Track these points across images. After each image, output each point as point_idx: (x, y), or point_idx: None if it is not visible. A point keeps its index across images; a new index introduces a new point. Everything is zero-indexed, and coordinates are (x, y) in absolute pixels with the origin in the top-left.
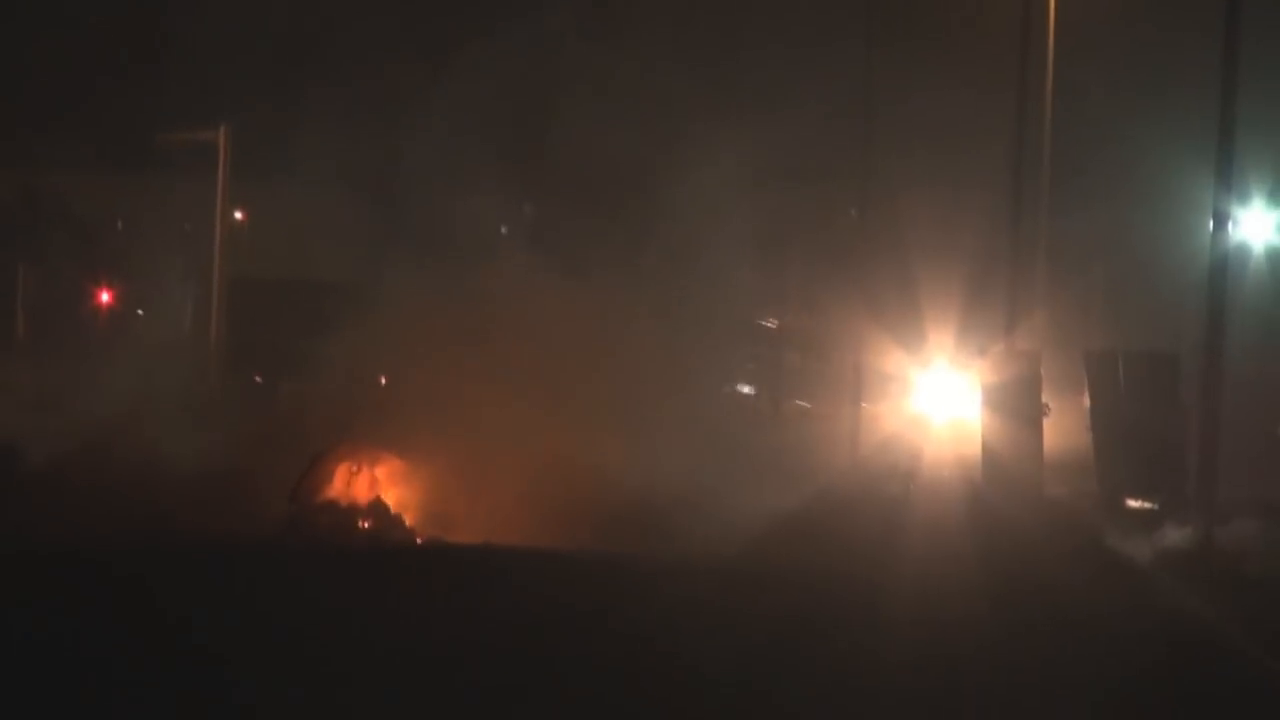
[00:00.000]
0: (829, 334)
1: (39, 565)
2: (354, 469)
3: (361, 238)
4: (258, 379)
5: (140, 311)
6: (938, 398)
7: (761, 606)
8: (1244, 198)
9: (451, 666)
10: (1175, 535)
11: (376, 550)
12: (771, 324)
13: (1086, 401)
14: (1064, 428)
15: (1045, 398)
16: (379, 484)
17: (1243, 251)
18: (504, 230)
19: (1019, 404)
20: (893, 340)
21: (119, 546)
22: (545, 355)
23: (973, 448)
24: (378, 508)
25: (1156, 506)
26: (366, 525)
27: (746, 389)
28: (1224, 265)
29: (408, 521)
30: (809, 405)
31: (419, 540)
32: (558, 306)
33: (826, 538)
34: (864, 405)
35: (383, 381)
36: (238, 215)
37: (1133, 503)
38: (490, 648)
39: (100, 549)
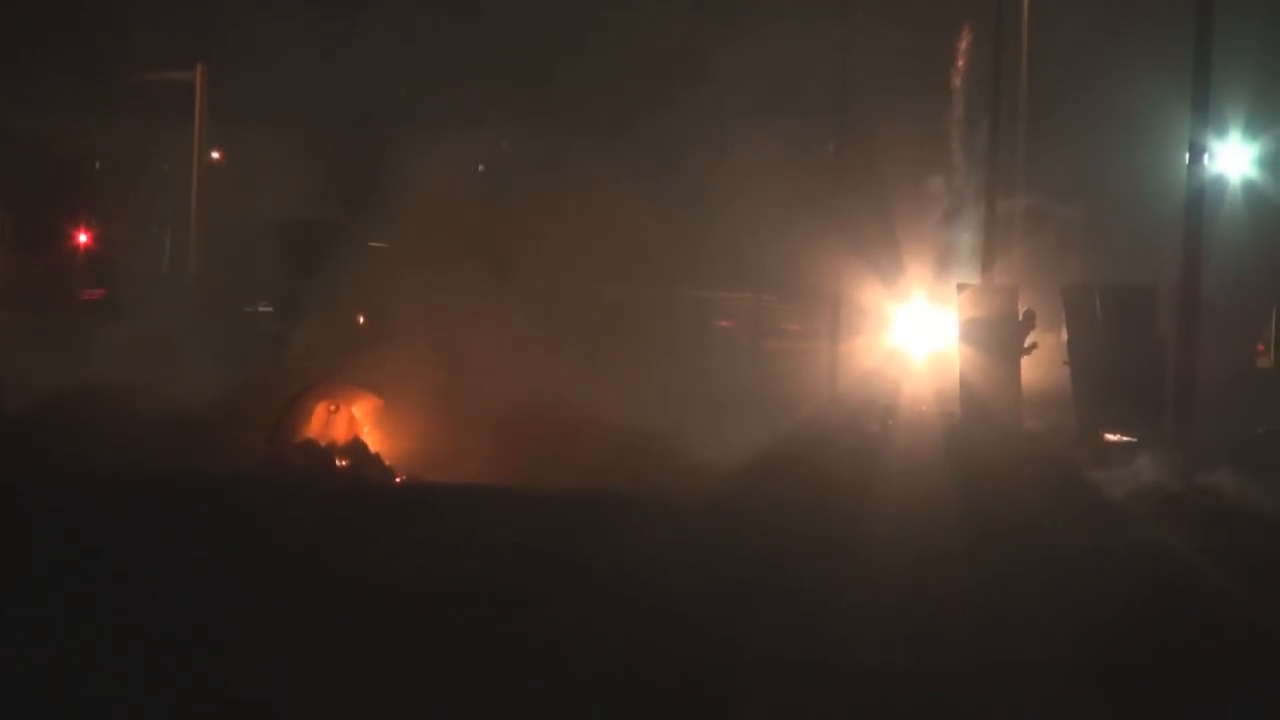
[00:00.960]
0: (807, 268)
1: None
2: (332, 408)
3: (340, 175)
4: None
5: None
6: (916, 332)
7: (738, 539)
8: (1220, 131)
9: (425, 602)
10: (1152, 469)
11: (353, 488)
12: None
13: (1064, 336)
14: (1042, 362)
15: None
16: (357, 423)
17: (1219, 185)
18: (481, 168)
19: (997, 339)
20: (871, 275)
21: (96, 482)
22: (527, 293)
23: (951, 382)
24: (356, 447)
25: (1135, 440)
26: (344, 464)
27: (724, 324)
28: (1200, 199)
29: (386, 461)
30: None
31: (398, 479)
32: (538, 242)
33: (804, 472)
34: (842, 340)
35: (360, 320)
36: (215, 155)
37: (1111, 436)
38: (466, 583)
39: (76, 485)
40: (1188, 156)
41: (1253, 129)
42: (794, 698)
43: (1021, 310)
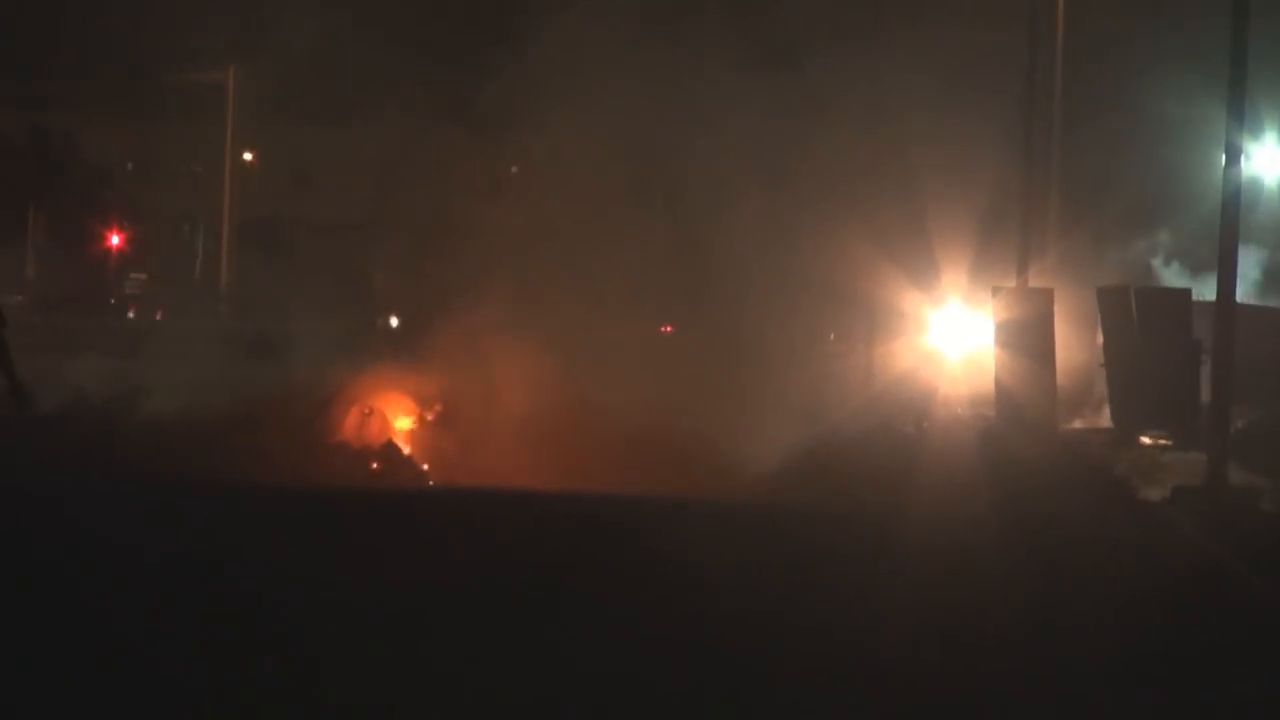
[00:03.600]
0: (842, 271)
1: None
2: (366, 411)
3: (374, 177)
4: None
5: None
6: (952, 334)
7: (773, 541)
8: (1256, 132)
9: (458, 604)
10: (1188, 470)
11: (386, 492)
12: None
13: (1100, 338)
14: (1079, 364)
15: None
16: (391, 427)
17: (1255, 186)
18: (515, 170)
19: (1032, 341)
20: (906, 277)
21: (134, 487)
22: (565, 296)
23: (987, 384)
24: (389, 450)
25: (1170, 441)
26: (377, 468)
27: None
28: (1236, 200)
29: (421, 465)
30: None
31: (430, 483)
32: (576, 245)
33: (839, 474)
34: (878, 343)
35: (394, 323)
36: (247, 156)
37: (1146, 438)
38: (498, 586)
39: (115, 490)
40: (1224, 158)
41: None
42: (824, 708)
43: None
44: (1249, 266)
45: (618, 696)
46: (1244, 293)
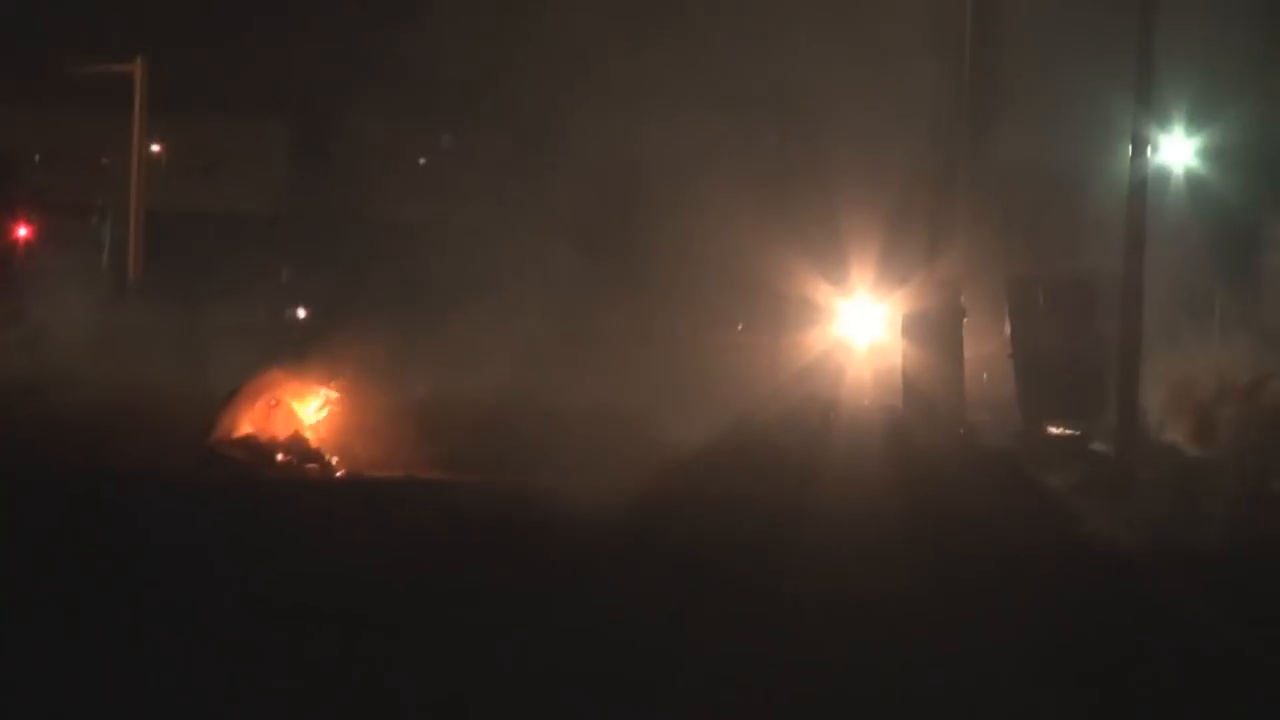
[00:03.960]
0: (748, 261)
1: None
2: (273, 402)
3: (282, 168)
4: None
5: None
6: (859, 325)
7: (668, 535)
8: (1165, 122)
9: (355, 595)
10: (1096, 462)
11: (293, 483)
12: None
13: (1007, 328)
14: (987, 355)
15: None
16: (298, 419)
17: (1162, 176)
18: (422, 161)
19: (940, 334)
20: (815, 267)
21: (31, 479)
22: (470, 287)
23: (894, 375)
24: (297, 442)
25: (1078, 433)
26: (285, 460)
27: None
28: (1143, 190)
29: (329, 457)
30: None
31: (339, 474)
32: (484, 237)
33: (742, 467)
34: (784, 334)
35: (301, 314)
36: (155, 148)
37: (1054, 430)
38: (390, 578)
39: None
40: (1130, 148)
41: (1197, 121)
42: (734, 697)
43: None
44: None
45: (524, 685)
46: None
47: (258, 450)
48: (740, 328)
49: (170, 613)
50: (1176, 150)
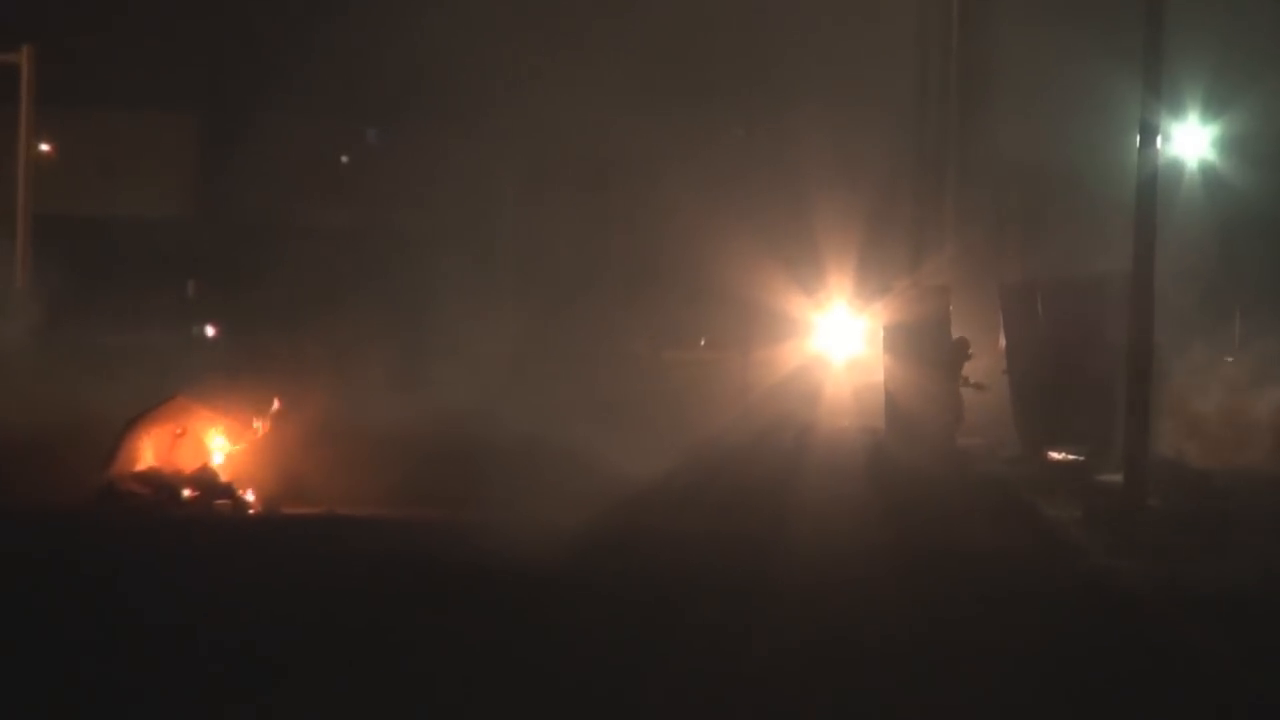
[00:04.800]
0: (712, 270)
1: None
2: (178, 431)
3: (190, 169)
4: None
5: None
6: (837, 338)
7: (619, 577)
8: (1177, 110)
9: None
10: (1103, 491)
11: (200, 522)
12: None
13: (1002, 341)
14: (980, 370)
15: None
16: (207, 450)
17: (1174, 169)
18: (345, 160)
19: (926, 346)
20: (787, 278)
21: None
22: (402, 301)
23: (876, 393)
24: (206, 476)
25: (1083, 458)
26: (193, 496)
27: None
28: (1153, 184)
29: (242, 491)
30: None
31: (252, 511)
32: (417, 244)
33: (706, 499)
34: (756, 348)
35: (210, 332)
36: (45, 147)
37: (1056, 454)
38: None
39: None
40: (1139, 138)
41: (1213, 108)
42: None
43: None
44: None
45: None
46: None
47: (162, 485)
48: (703, 343)
49: (51, 664)
50: (1191, 140)
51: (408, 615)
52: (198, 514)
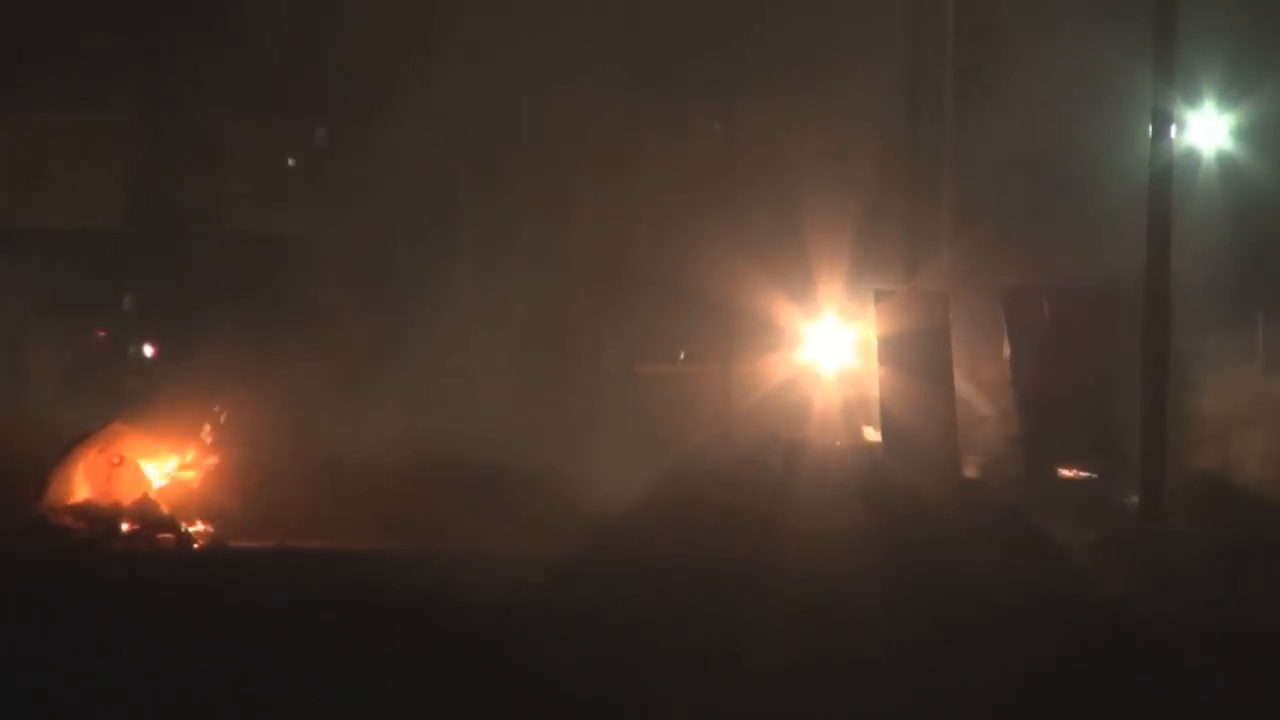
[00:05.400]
0: (692, 276)
1: None
2: (116, 460)
3: (123, 173)
4: None
5: None
6: (827, 349)
7: (601, 605)
8: (1192, 97)
9: (219, 681)
10: (1118, 512)
11: (140, 558)
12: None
13: (1006, 350)
14: (982, 383)
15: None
16: (147, 480)
17: (1190, 161)
18: (292, 162)
19: (924, 356)
20: (771, 282)
21: None
22: (357, 315)
23: (870, 408)
24: (146, 508)
25: (1095, 476)
26: (133, 529)
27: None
28: (1168, 178)
29: (184, 523)
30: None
31: (197, 545)
32: (371, 253)
33: (686, 525)
34: (737, 361)
35: (149, 351)
36: None
37: (1065, 473)
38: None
39: None
40: (1151, 128)
41: (1232, 94)
42: None
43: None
44: None
45: None
46: None
47: (99, 519)
48: (683, 356)
49: None
50: (1207, 130)
51: (368, 656)
52: (138, 549)
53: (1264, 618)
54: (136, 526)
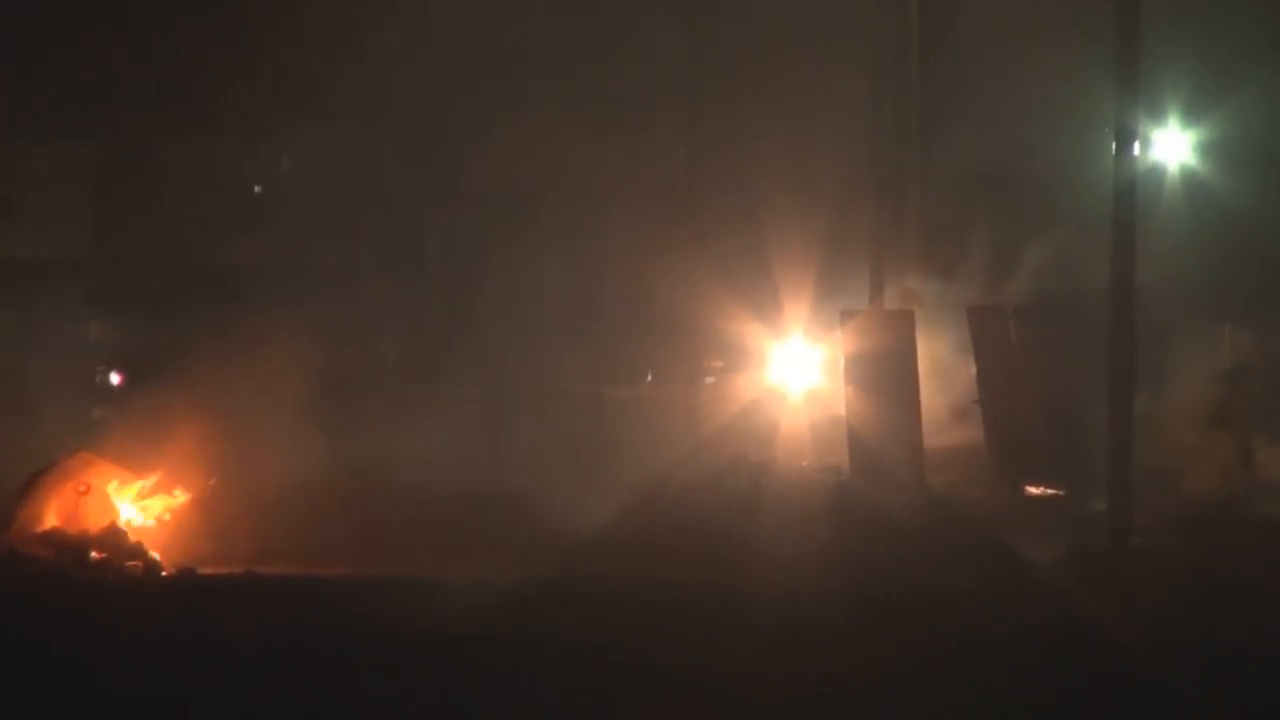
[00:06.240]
0: (658, 298)
1: None
2: (81, 489)
3: (88, 201)
4: None
5: None
6: (794, 369)
7: (565, 629)
8: (1156, 113)
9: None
10: (1086, 528)
11: (107, 586)
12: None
13: (973, 367)
14: (949, 401)
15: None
16: (115, 508)
17: (1155, 177)
18: (258, 189)
19: (891, 375)
20: (737, 302)
21: None
22: (321, 340)
23: (838, 428)
24: (114, 536)
25: (1062, 493)
26: (100, 557)
27: None
28: (1132, 193)
29: (152, 551)
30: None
31: (165, 573)
32: (337, 278)
33: (654, 547)
34: (705, 382)
35: (116, 381)
36: None
37: (1033, 490)
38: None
39: None
40: (1115, 144)
41: (1195, 110)
42: None
43: None
44: None
45: None
46: None
47: (66, 547)
48: (650, 378)
49: None
50: (1172, 146)
51: (337, 684)
52: (106, 577)
53: (1232, 634)
54: (104, 555)
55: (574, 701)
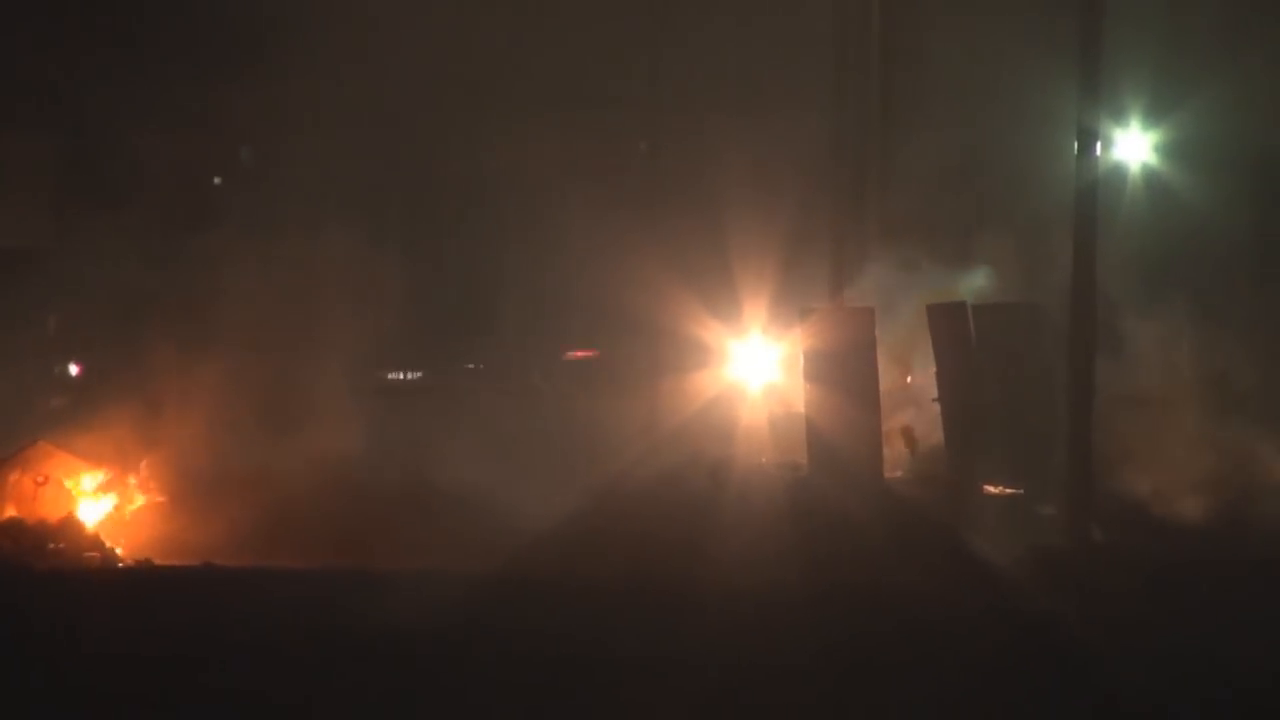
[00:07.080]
0: (615, 294)
1: None
2: (39, 480)
3: (39, 191)
4: None
5: None
6: (753, 366)
7: (522, 623)
8: (1118, 114)
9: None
10: (1043, 528)
11: (64, 576)
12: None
13: (933, 366)
14: (909, 399)
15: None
16: (72, 498)
17: (1118, 177)
18: (218, 180)
19: (850, 372)
20: (696, 298)
21: None
22: (280, 338)
23: (797, 425)
24: (71, 527)
25: (1021, 492)
26: (57, 548)
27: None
28: (1093, 194)
29: (110, 542)
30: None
31: (122, 564)
32: (297, 270)
33: (611, 544)
34: (661, 380)
35: (75, 371)
36: None
37: (991, 488)
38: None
39: None
40: (1077, 144)
41: (1156, 111)
42: None
43: None
44: None
45: None
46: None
47: (23, 537)
48: (610, 377)
49: None
50: (1133, 147)
51: (290, 676)
52: (64, 567)
53: (1188, 632)
54: (61, 545)
55: (527, 694)
